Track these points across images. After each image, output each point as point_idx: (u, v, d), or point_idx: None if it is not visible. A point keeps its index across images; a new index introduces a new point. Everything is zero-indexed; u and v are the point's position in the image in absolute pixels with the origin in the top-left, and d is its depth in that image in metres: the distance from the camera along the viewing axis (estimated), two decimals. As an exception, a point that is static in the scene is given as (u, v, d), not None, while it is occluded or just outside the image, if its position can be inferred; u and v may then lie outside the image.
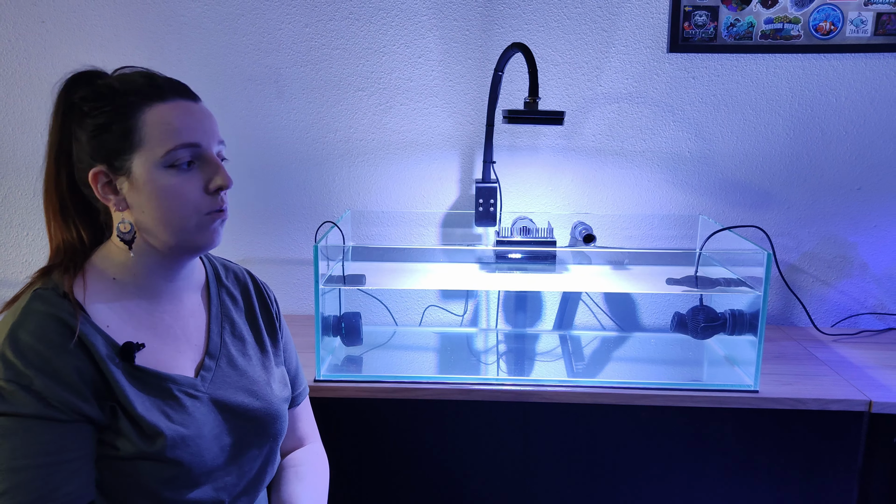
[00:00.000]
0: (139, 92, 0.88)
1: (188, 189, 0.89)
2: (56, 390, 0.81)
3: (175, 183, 0.88)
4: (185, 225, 0.89)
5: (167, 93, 0.89)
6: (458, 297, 1.82)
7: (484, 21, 1.70)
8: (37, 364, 0.81)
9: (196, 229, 0.90)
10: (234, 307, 1.05)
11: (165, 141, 0.87)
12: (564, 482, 1.42)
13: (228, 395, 0.96)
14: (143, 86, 0.89)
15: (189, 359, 0.96)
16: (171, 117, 0.88)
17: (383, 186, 1.79)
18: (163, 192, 0.88)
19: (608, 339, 1.77)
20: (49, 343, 0.82)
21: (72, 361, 0.83)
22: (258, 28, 1.71)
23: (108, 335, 0.88)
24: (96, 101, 0.88)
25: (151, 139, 0.87)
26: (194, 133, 0.89)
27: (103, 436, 0.86)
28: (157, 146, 0.87)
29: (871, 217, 1.77)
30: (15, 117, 1.75)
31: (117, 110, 0.87)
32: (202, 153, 0.90)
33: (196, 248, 0.93)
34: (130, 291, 0.93)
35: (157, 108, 0.88)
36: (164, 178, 0.87)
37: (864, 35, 1.66)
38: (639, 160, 1.76)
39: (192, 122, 0.89)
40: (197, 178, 0.90)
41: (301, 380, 1.17)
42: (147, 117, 0.87)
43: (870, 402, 1.33)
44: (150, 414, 0.87)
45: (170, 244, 0.91)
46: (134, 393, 0.87)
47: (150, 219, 0.89)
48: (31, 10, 1.70)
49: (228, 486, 0.95)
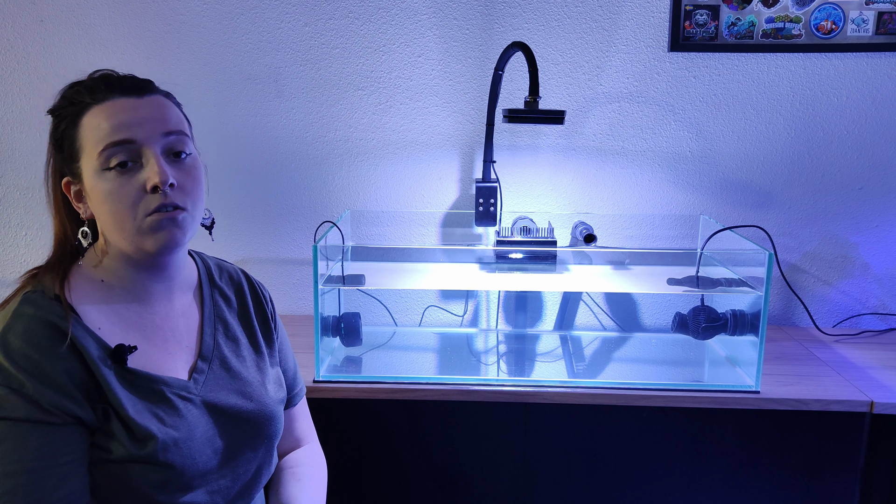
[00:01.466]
0: (82, 98, 0.87)
1: (126, 191, 0.85)
2: (47, 393, 0.80)
3: (113, 186, 0.85)
4: (131, 228, 0.86)
5: (105, 93, 0.87)
6: (458, 297, 1.82)
7: (484, 20, 1.70)
8: (27, 368, 0.80)
9: (141, 232, 0.87)
10: (227, 308, 1.04)
11: (98, 143, 0.85)
12: (565, 483, 1.42)
13: (221, 397, 0.95)
14: (87, 90, 0.88)
15: (182, 361, 0.95)
16: (102, 118, 0.86)
17: (383, 186, 1.78)
18: (104, 197, 0.86)
19: (609, 339, 1.76)
20: (39, 347, 0.81)
21: (62, 364, 0.82)
22: (257, 27, 1.70)
23: (100, 337, 0.87)
24: (57, 110, 0.89)
25: (88, 144, 0.86)
26: (126, 130, 0.85)
27: (95, 439, 0.85)
28: (93, 150, 0.86)
29: (873, 217, 1.76)
30: (13, 116, 1.75)
31: (68, 119, 0.87)
32: (139, 150, 0.86)
33: (148, 251, 0.88)
34: (119, 294, 0.92)
35: (93, 111, 0.86)
36: (103, 182, 0.86)
37: (866, 34, 1.66)
38: (640, 160, 1.75)
39: (125, 119, 0.86)
40: (137, 179, 0.86)
41: (298, 380, 1.16)
42: (84, 122, 0.86)
43: (871, 402, 1.33)
44: (142, 417, 0.86)
45: (126, 249, 0.89)
46: (126, 396, 0.86)
47: (103, 224, 0.89)
48: (30, 8, 1.69)
49: (223, 489, 0.94)
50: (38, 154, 1.79)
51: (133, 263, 0.92)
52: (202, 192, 0.92)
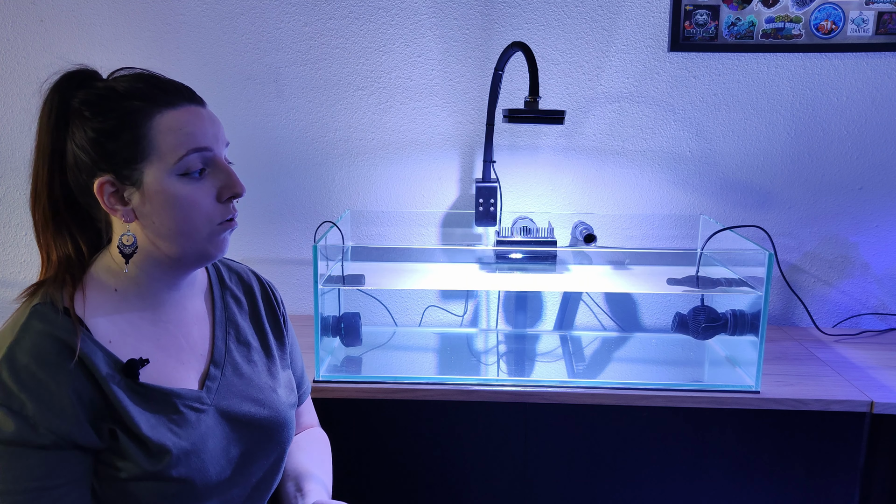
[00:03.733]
0: (146, 97, 0.84)
1: (201, 198, 0.86)
2: (48, 417, 0.78)
3: (188, 192, 0.85)
4: (197, 235, 0.87)
5: (175, 98, 0.86)
6: (458, 297, 1.82)
7: (484, 20, 1.70)
8: (32, 388, 0.78)
9: (207, 239, 0.88)
10: (238, 310, 1.02)
11: (177, 148, 0.84)
12: (565, 483, 1.42)
13: (234, 404, 0.94)
14: (150, 90, 0.85)
15: (193, 369, 0.93)
16: (181, 123, 0.84)
17: (383, 186, 1.78)
18: (176, 202, 0.85)
19: (609, 339, 1.76)
20: (46, 365, 0.79)
21: (69, 383, 0.80)
22: (257, 27, 1.70)
23: (110, 351, 0.85)
24: (99, 105, 0.84)
25: (162, 147, 0.83)
26: (204, 138, 0.86)
27: (102, 457, 0.84)
28: (169, 154, 0.84)
29: (873, 217, 1.76)
30: (13, 116, 1.75)
31: (124, 117, 0.83)
32: (213, 159, 0.87)
33: (205, 257, 0.90)
34: (132, 303, 0.89)
35: (168, 115, 0.84)
36: (176, 187, 0.84)
37: (866, 34, 1.66)
38: (640, 160, 1.75)
39: (201, 127, 0.86)
40: (209, 187, 0.87)
41: (305, 379, 1.16)
42: (156, 124, 0.83)
43: (871, 402, 1.33)
44: (156, 432, 0.84)
45: (179, 254, 0.88)
46: (137, 411, 0.84)
47: (162, 229, 0.86)
48: (29, 8, 1.69)
49: (234, 497, 0.93)
50: (38, 154, 1.80)
51: (164, 270, 0.89)
52: None
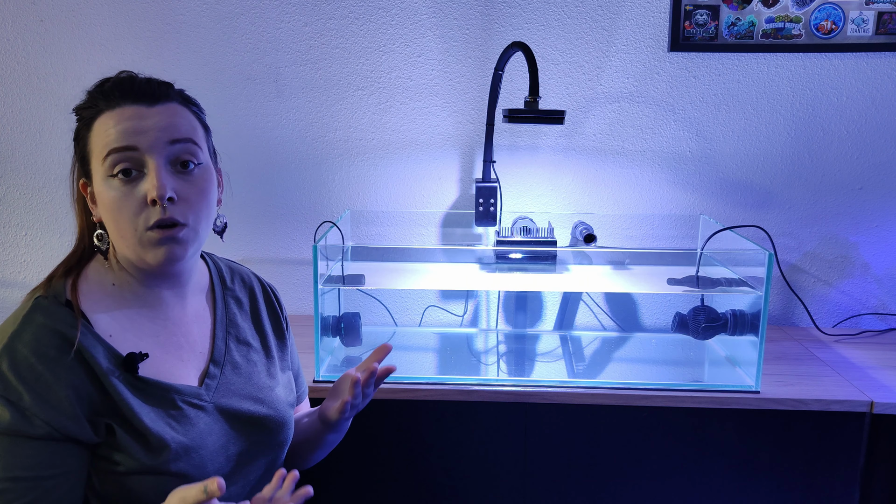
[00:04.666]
0: (97, 102, 0.86)
1: (128, 201, 0.84)
2: (43, 409, 0.79)
3: (117, 195, 0.84)
4: (132, 239, 0.85)
5: (117, 99, 0.85)
6: (458, 297, 1.82)
7: (484, 20, 1.70)
8: (29, 380, 0.79)
9: (142, 244, 0.85)
10: (238, 311, 1.03)
11: (103, 148, 0.84)
12: (565, 483, 1.42)
13: (234, 402, 0.94)
14: (102, 94, 0.86)
15: (193, 367, 0.94)
16: (110, 124, 0.84)
17: (383, 186, 1.78)
18: (108, 205, 0.85)
19: (609, 339, 1.76)
20: (45, 358, 0.80)
21: (67, 377, 0.81)
22: (257, 27, 1.70)
23: (111, 345, 0.85)
24: (78, 111, 0.88)
25: (95, 149, 0.85)
26: (130, 137, 0.84)
27: (100, 451, 0.84)
28: (99, 155, 0.85)
29: (873, 217, 1.76)
30: (13, 116, 1.75)
31: (83, 122, 0.87)
32: (141, 158, 0.84)
33: (148, 265, 0.87)
34: (130, 299, 0.90)
35: (104, 117, 0.85)
36: (108, 188, 0.84)
37: (866, 34, 1.66)
38: (640, 160, 1.75)
39: (129, 127, 0.84)
40: (138, 189, 0.84)
41: (301, 381, 1.17)
42: (95, 126, 0.85)
43: (871, 402, 1.32)
44: (156, 425, 0.85)
45: (130, 257, 0.88)
46: (138, 404, 0.85)
47: (110, 231, 0.87)
48: (29, 8, 1.69)
49: (233, 495, 0.93)
50: (38, 154, 1.80)
51: (140, 271, 0.90)
52: (209, 203, 0.89)
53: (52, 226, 1.81)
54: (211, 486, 0.73)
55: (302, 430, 1.10)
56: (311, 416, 1.11)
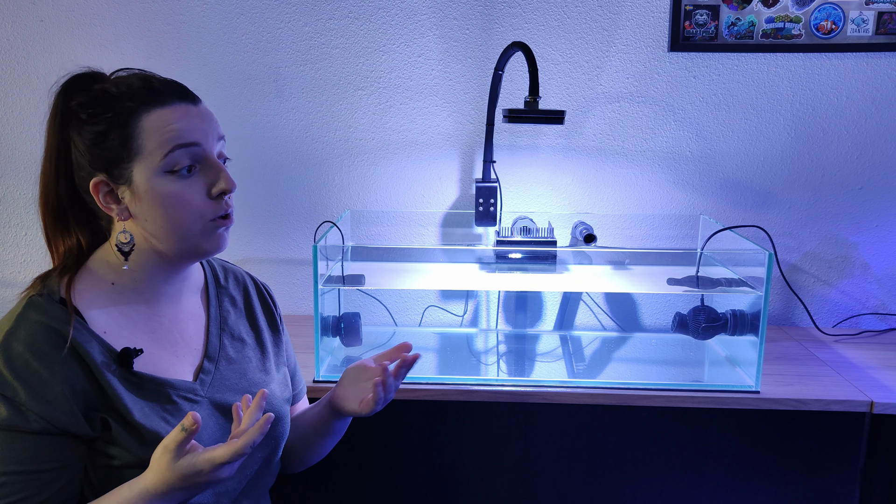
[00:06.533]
0: (136, 97, 0.85)
1: (190, 195, 0.87)
2: (39, 404, 0.80)
3: (176, 189, 0.86)
4: (190, 232, 0.88)
5: (165, 96, 0.86)
6: (458, 297, 1.82)
7: (484, 20, 1.70)
8: (24, 376, 0.80)
9: (201, 235, 0.89)
10: (233, 309, 1.05)
11: (163, 145, 0.85)
12: (565, 483, 1.42)
13: (228, 397, 0.96)
14: (141, 90, 0.86)
15: (188, 363, 0.95)
16: (168, 121, 0.85)
17: (383, 186, 1.78)
18: (165, 200, 0.86)
19: (609, 339, 1.76)
20: (40, 354, 0.81)
21: (62, 373, 0.82)
22: (257, 27, 1.70)
23: (105, 341, 0.87)
24: (94, 107, 0.86)
25: (149, 145, 0.85)
26: (192, 133, 0.87)
27: (95, 445, 0.85)
28: (155, 151, 0.85)
29: (873, 217, 1.76)
30: (13, 116, 1.75)
31: (115, 117, 0.85)
32: (202, 155, 0.88)
33: (202, 253, 0.92)
34: (128, 296, 0.91)
35: (155, 114, 0.85)
36: (164, 184, 0.85)
37: (866, 34, 1.66)
38: (639, 160, 1.75)
39: (189, 124, 0.87)
40: (199, 183, 0.88)
41: (299, 379, 1.17)
42: (144, 123, 0.85)
43: (871, 402, 1.32)
44: (149, 420, 0.86)
45: (174, 251, 0.89)
46: (132, 399, 0.86)
47: (155, 227, 0.87)
48: (29, 8, 1.69)
49: (229, 490, 0.94)
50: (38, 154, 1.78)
51: (162, 265, 0.91)
52: None
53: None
54: (187, 421, 0.77)
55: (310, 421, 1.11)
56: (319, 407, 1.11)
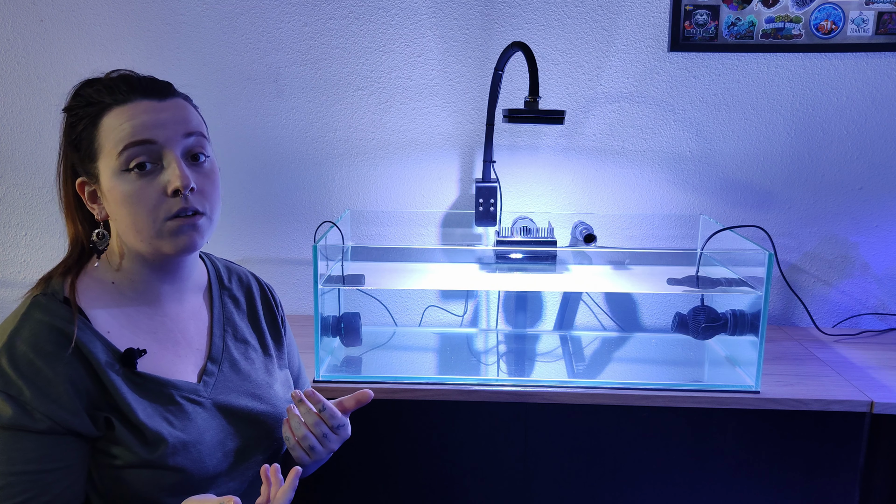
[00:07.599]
0: (103, 98, 0.86)
1: (146, 194, 0.84)
2: (44, 403, 0.80)
3: (133, 189, 0.84)
4: (146, 231, 0.86)
5: (128, 94, 0.86)
6: (458, 297, 1.82)
7: (484, 20, 1.70)
8: (29, 375, 0.80)
9: (160, 235, 0.86)
10: (236, 310, 1.04)
11: (117, 143, 0.84)
12: (564, 483, 1.42)
13: (232, 399, 0.95)
14: (108, 90, 0.86)
15: (191, 363, 0.95)
16: (124, 118, 0.84)
17: (383, 186, 1.78)
18: (123, 199, 0.85)
19: (609, 339, 1.76)
20: (44, 353, 0.81)
21: (66, 372, 0.82)
22: (257, 27, 1.70)
23: (109, 341, 0.87)
24: (74, 110, 0.87)
25: (107, 144, 0.85)
26: (148, 130, 0.84)
27: (98, 444, 0.85)
28: (112, 150, 0.84)
29: (873, 217, 1.76)
30: (13, 116, 1.75)
31: (87, 119, 0.86)
32: (159, 152, 0.85)
33: (165, 254, 0.88)
34: (129, 296, 0.92)
35: (114, 112, 0.85)
36: (122, 183, 0.85)
37: (866, 34, 1.66)
38: (639, 160, 1.75)
39: (146, 121, 0.85)
40: (157, 182, 0.85)
41: (304, 379, 1.17)
42: (104, 122, 0.85)
43: (871, 402, 1.32)
44: (153, 420, 0.86)
45: (141, 250, 0.88)
46: (135, 399, 0.86)
47: (121, 226, 0.87)
48: (29, 8, 1.69)
49: (231, 491, 0.94)
50: (38, 154, 1.80)
51: (147, 265, 0.91)
52: (219, 195, 0.92)
53: (52, 226, 1.81)
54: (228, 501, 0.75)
55: None
56: None
